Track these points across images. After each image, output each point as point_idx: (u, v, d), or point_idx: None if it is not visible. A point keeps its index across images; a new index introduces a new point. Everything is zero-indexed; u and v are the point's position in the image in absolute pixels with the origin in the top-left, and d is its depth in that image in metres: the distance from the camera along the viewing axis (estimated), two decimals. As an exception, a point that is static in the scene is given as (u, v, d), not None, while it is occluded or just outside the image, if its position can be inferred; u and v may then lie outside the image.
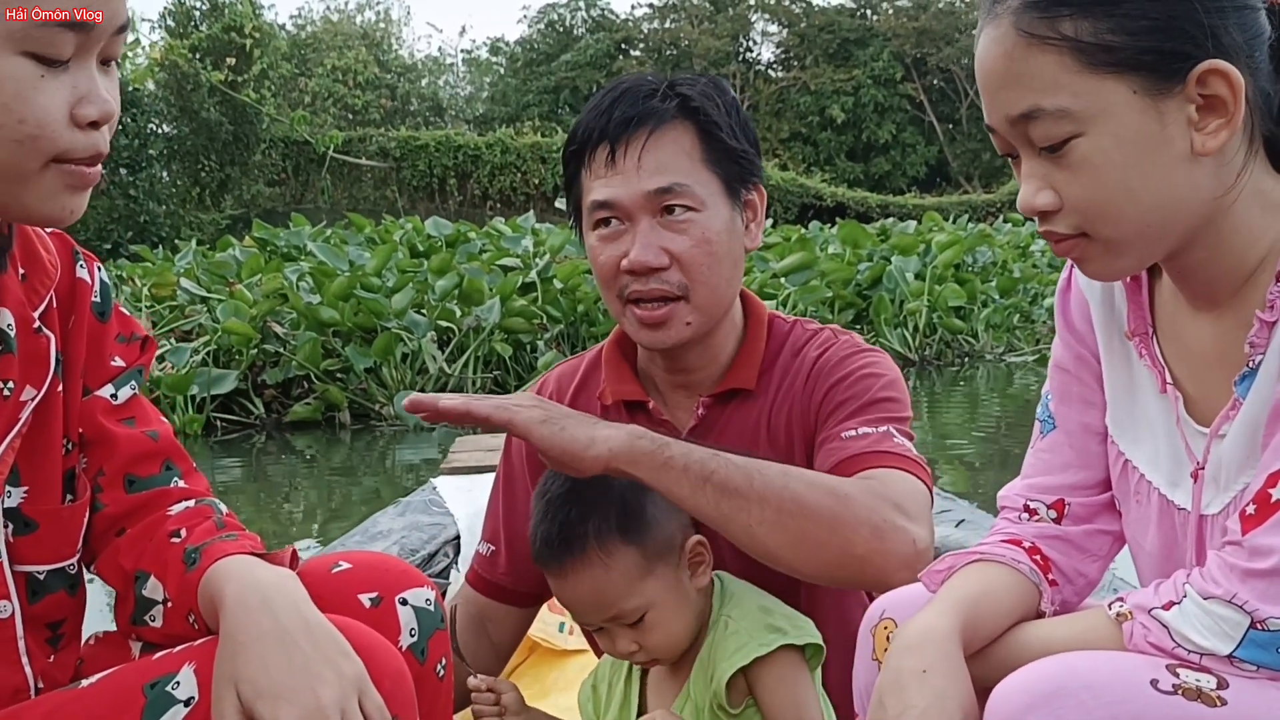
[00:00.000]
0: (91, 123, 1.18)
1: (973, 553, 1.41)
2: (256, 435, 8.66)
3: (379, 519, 3.26)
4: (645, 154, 1.68)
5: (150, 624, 1.37)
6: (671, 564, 1.63)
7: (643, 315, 1.72)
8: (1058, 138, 1.18)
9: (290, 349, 8.88)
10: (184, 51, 19.46)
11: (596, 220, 1.73)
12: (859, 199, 25.68)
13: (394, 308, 9.11)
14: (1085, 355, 1.44)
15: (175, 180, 19.86)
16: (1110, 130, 1.17)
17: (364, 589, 1.36)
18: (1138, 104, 1.16)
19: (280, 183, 23.07)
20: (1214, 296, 1.27)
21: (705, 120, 1.71)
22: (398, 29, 41.38)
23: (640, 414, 1.84)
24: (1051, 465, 1.46)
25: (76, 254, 1.42)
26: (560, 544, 1.59)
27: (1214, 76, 1.15)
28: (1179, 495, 1.32)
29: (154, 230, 18.50)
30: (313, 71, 31.31)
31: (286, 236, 13.22)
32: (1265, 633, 1.13)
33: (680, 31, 37.89)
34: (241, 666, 1.19)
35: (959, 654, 1.25)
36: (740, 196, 1.76)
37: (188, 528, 1.38)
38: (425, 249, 12.40)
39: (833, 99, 35.51)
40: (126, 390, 1.44)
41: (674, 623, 1.64)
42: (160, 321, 9.69)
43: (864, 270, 11.59)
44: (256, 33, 20.61)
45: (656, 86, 1.73)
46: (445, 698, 1.42)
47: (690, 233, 1.69)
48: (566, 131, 1.86)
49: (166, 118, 19.80)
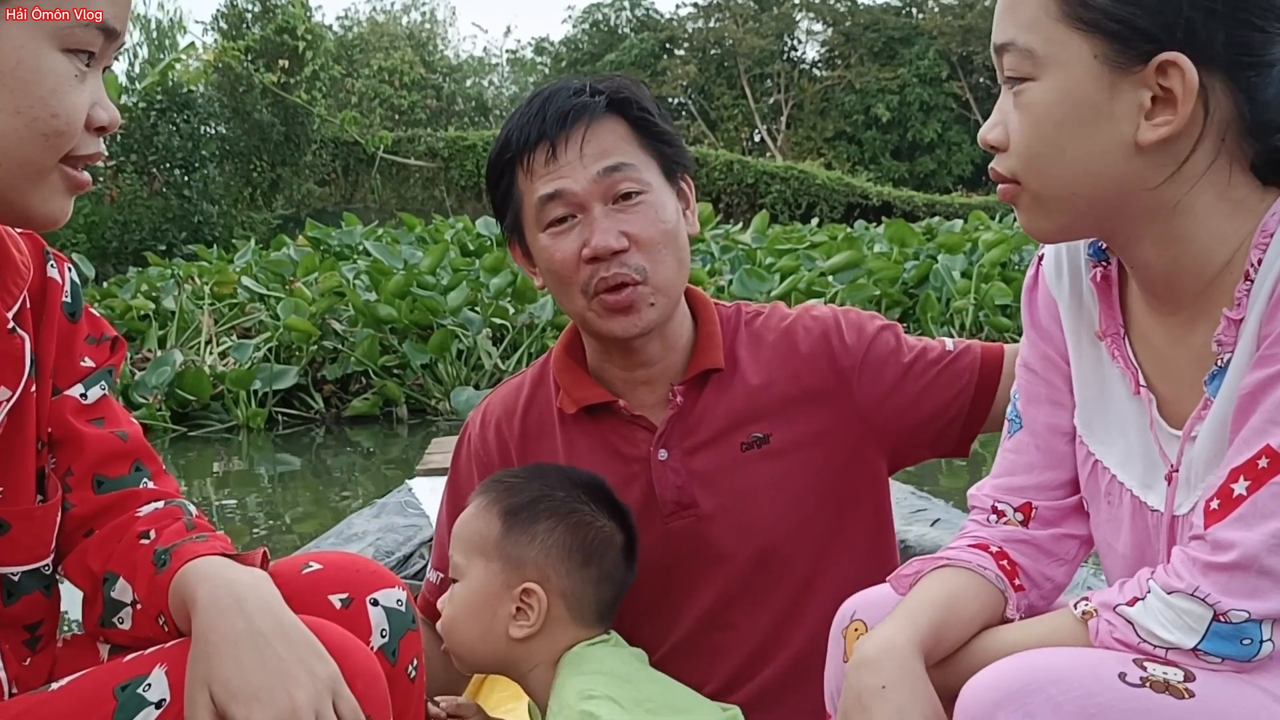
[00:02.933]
0: (100, 127, 1.21)
1: (940, 558, 1.40)
2: (316, 429, 8.86)
3: (354, 520, 3.25)
4: (586, 143, 1.70)
5: (119, 626, 1.35)
6: (499, 575, 1.63)
7: (611, 301, 1.70)
8: (1019, 73, 1.20)
9: (349, 345, 9.10)
10: (237, 53, 19.72)
11: (548, 219, 1.72)
12: (905, 198, 25.59)
13: (449, 305, 9.29)
14: (1052, 356, 1.43)
15: (228, 181, 20.10)
16: (1060, 84, 1.18)
17: (334, 590, 1.35)
18: (1094, 69, 1.16)
19: (330, 182, 23.31)
20: (1175, 298, 1.26)
21: (636, 109, 1.74)
22: (443, 29, 41.68)
23: (607, 415, 1.83)
24: (1018, 465, 1.45)
25: (47, 254, 1.40)
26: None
27: (1173, 69, 1.14)
28: (1152, 497, 1.30)
29: (207, 230, 18.73)
30: (359, 72, 31.58)
31: (339, 236, 13.40)
32: (1228, 625, 1.13)
33: (725, 31, 37.87)
34: (215, 668, 1.17)
35: (918, 666, 1.25)
36: (677, 180, 1.78)
37: (157, 529, 1.36)
38: (476, 248, 12.58)
39: (878, 98, 35.40)
40: (96, 390, 1.42)
41: (464, 622, 1.64)
42: (221, 319, 9.93)
43: (910, 269, 11.61)
44: (309, 35, 20.83)
45: (579, 87, 1.75)
46: (417, 699, 1.40)
47: (644, 214, 1.71)
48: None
49: (219, 119, 20.05)
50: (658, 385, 1.82)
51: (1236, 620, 1.13)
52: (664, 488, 1.79)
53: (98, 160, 1.24)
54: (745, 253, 12.05)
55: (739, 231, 14.08)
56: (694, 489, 1.79)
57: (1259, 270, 1.17)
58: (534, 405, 1.90)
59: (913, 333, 9.46)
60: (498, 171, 1.79)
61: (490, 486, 1.72)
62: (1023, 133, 1.21)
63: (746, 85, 36.51)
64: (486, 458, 1.91)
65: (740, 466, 1.79)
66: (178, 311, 10.04)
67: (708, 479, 1.79)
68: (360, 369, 9.11)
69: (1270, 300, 1.15)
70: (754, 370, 1.82)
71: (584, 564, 1.65)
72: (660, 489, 1.79)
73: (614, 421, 1.82)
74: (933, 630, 1.29)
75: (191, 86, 19.82)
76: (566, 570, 1.64)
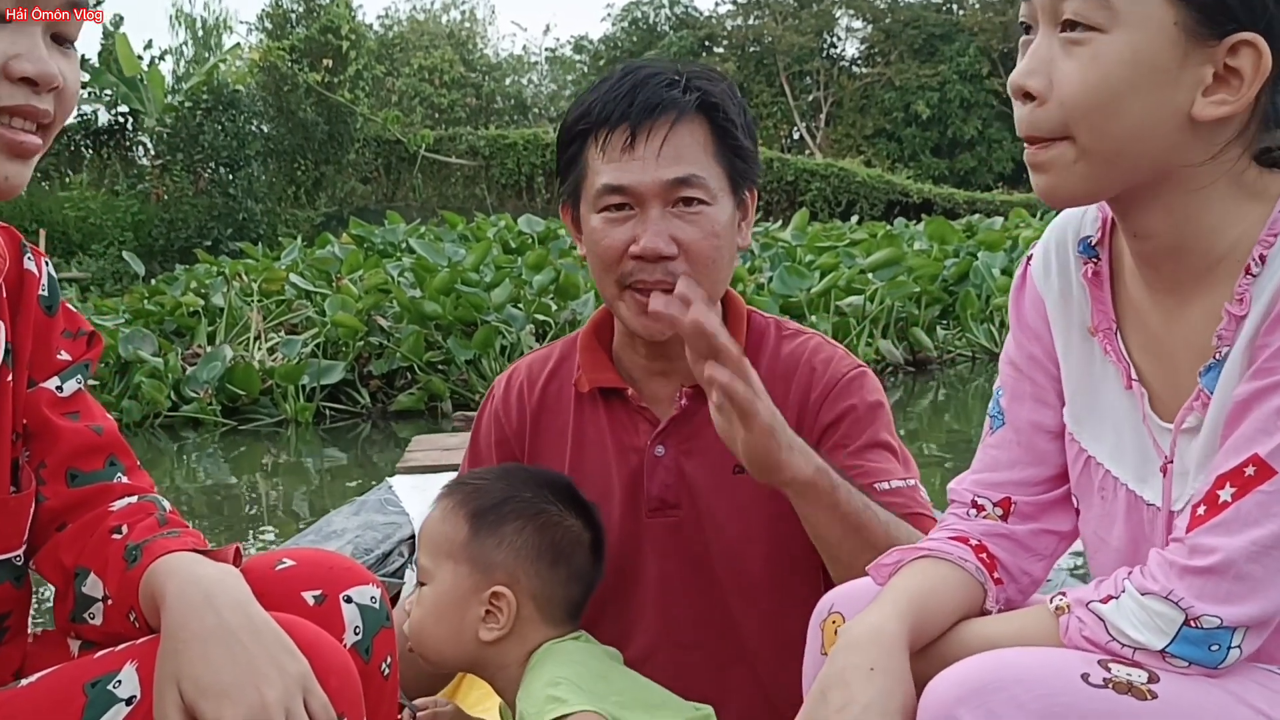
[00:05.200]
0: (27, 80, 1.18)
1: (920, 548, 1.40)
2: (362, 424, 8.97)
3: (333, 518, 3.21)
4: (666, 143, 1.68)
5: (90, 621, 1.33)
6: (467, 578, 1.62)
7: (644, 303, 1.69)
8: (1086, 19, 1.14)
9: (394, 341, 9.21)
10: (282, 53, 19.92)
11: (605, 204, 1.71)
12: (945, 195, 25.52)
13: (493, 302, 9.39)
14: (1038, 354, 1.42)
15: (272, 179, 20.29)
16: (1134, 42, 1.13)
17: (307, 586, 1.33)
18: (1172, 34, 1.13)
19: (372, 181, 23.49)
20: (1178, 280, 1.25)
21: (722, 117, 1.72)
22: (483, 28, 41.84)
23: (617, 401, 1.84)
24: (999, 461, 1.45)
25: (24, 246, 1.39)
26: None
27: (1247, 49, 1.13)
28: (1148, 491, 1.30)
29: (252, 228, 18.92)
30: (399, 71, 31.78)
31: (382, 234, 13.53)
32: (1198, 630, 1.13)
33: (764, 28, 37.83)
34: (184, 664, 1.16)
35: (905, 655, 1.24)
36: (741, 194, 1.77)
37: (129, 524, 1.34)
38: (518, 245, 12.69)
39: (918, 95, 35.27)
40: (72, 384, 1.41)
41: (433, 625, 1.63)
42: (269, 315, 10.08)
43: (950, 266, 11.63)
44: (353, 34, 21.01)
45: (675, 77, 1.72)
46: (390, 696, 1.39)
47: (700, 224, 1.69)
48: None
49: (264, 118, 20.25)
50: (672, 380, 1.82)
51: (1207, 626, 1.13)
52: (653, 483, 1.80)
53: (35, 117, 1.21)
54: (785, 250, 12.10)
55: (779, 229, 14.13)
56: (681, 492, 1.80)
57: (1264, 268, 1.17)
58: (556, 377, 1.92)
59: (952, 329, 9.37)
60: (570, 136, 1.77)
61: (456, 489, 1.71)
62: (1082, 84, 1.15)
63: (785, 82, 36.45)
64: (506, 419, 1.93)
65: (729, 486, 1.78)
66: (226, 308, 10.20)
67: (695, 487, 1.80)
68: (405, 364, 9.22)
69: (1270, 311, 1.15)
70: (768, 393, 1.81)
71: (553, 564, 1.65)
72: (649, 483, 1.80)
73: (622, 408, 1.84)
74: (916, 620, 1.28)
75: (237, 86, 20.06)
76: (536, 571, 1.63)
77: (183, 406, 8.90)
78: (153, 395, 8.75)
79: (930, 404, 9.62)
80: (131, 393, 8.90)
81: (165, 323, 10.25)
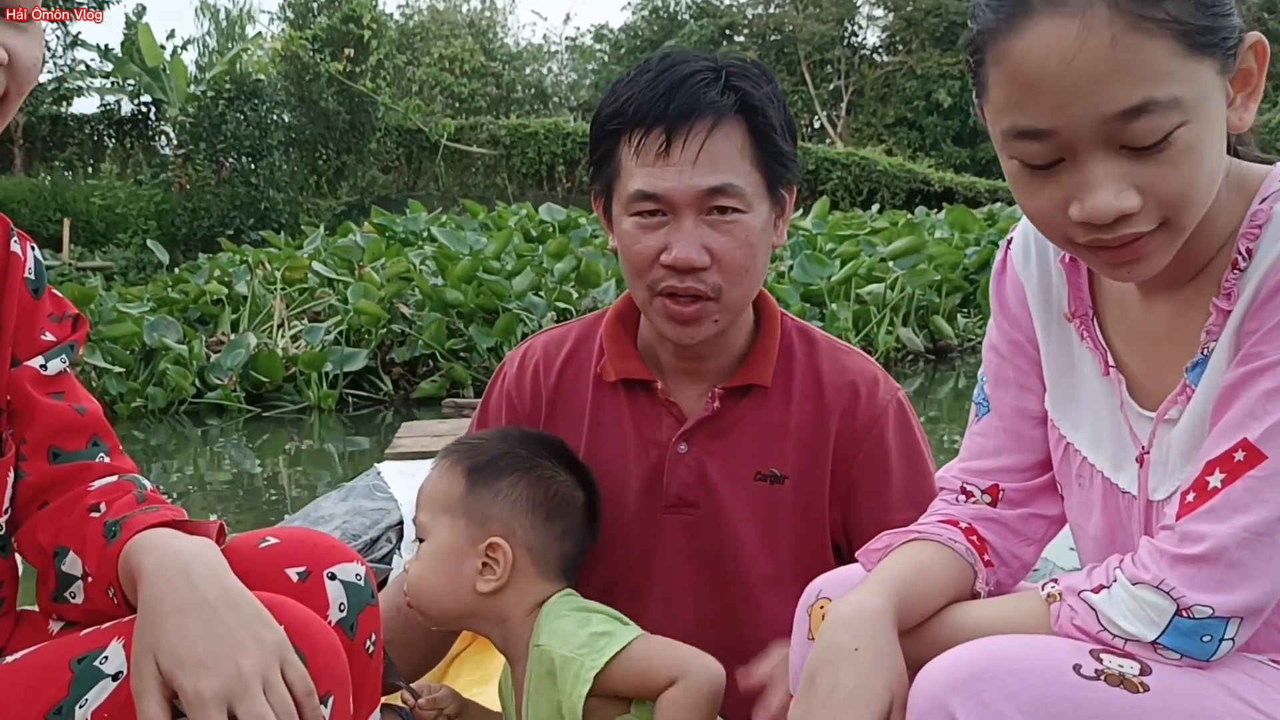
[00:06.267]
0: None
1: (909, 531, 1.40)
2: (385, 411, 9.02)
3: (321, 504, 3.21)
4: (703, 150, 1.62)
5: (71, 600, 1.33)
6: (464, 530, 1.66)
7: (675, 311, 1.67)
8: (1164, 130, 1.06)
9: (416, 329, 9.27)
10: (304, 42, 19.99)
11: (638, 209, 1.66)
12: (966, 184, 25.41)
13: (514, 290, 9.43)
14: (1020, 340, 1.42)
15: (294, 168, 20.37)
16: (1207, 115, 1.09)
17: (291, 563, 1.33)
18: (1219, 85, 1.09)
19: (393, 170, 23.56)
20: (1178, 278, 1.22)
21: (762, 121, 1.65)
22: (503, 17, 41.96)
23: (643, 393, 1.82)
24: (985, 449, 1.44)
25: (11, 231, 1.40)
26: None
27: (1257, 47, 1.12)
28: (1123, 479, 1.29)
29: (274, 216, 19.02)
30: (419, 60, 31.82)
31: (404, 222, 13.58)
32: (1190, 620, 1.12)
33: (784, 16, 37.70)
34: (161, 636, 1.16)
35: (892, 633, 1.23)
36: (779, 196, 1.72)
37: (108, 501, 1.34)
38: (539, 234, 12.73)
39: (939, 83, 35.10)
40: (57, 363, 1.41)
41: (432, 577, 1.66)
42: (292, 303, 10.15)
43: (971, 254, 11.61)
44: (374, 24, 21.06)
45: (714, 76, 1.65)
46: (375, 674, 1.39)
47: (734, 234, 1.65)
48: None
49: (286, 107, 20.33)
50: (701, 380, 1.81)
51: (1199, 615, 1.12)
52: (673, 479, 1.79)
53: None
54: (806, 238, 12.09)
55: (800, 218, 14.12)
56: (700, 491, 1.79)
57: (1249, 261, 1.15)
58: (573, 361, 1.88)
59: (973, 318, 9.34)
60: (603, 133, 1.71)
61: (454, 449, 1.74)
62: (1185, 178, 1.09)
63: (806, 71, 36.35)
64: (519, 399, 1.91)
65: (749, 491, 1.78)
66: (250, 296, 10.28)
67: (715, 488, 1.78)
68: (428, 352, 9.29)
69: (1255, 298, 1.13)
70: (801, 402, 1.79)
71: (547, 518, 1.68)
72: (669, 479, 1.79)
73: (648, 400, 1.81)
74: (904, 600, 1.27)
75: (259, 75, 20.14)
76: (531, 524, 1.67)
77: (207, 393, 8.99)
78: (178, 382, 8.83)
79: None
80: (157, 380, 8.98)
81: (189, 311, 10.34)
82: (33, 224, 18.81)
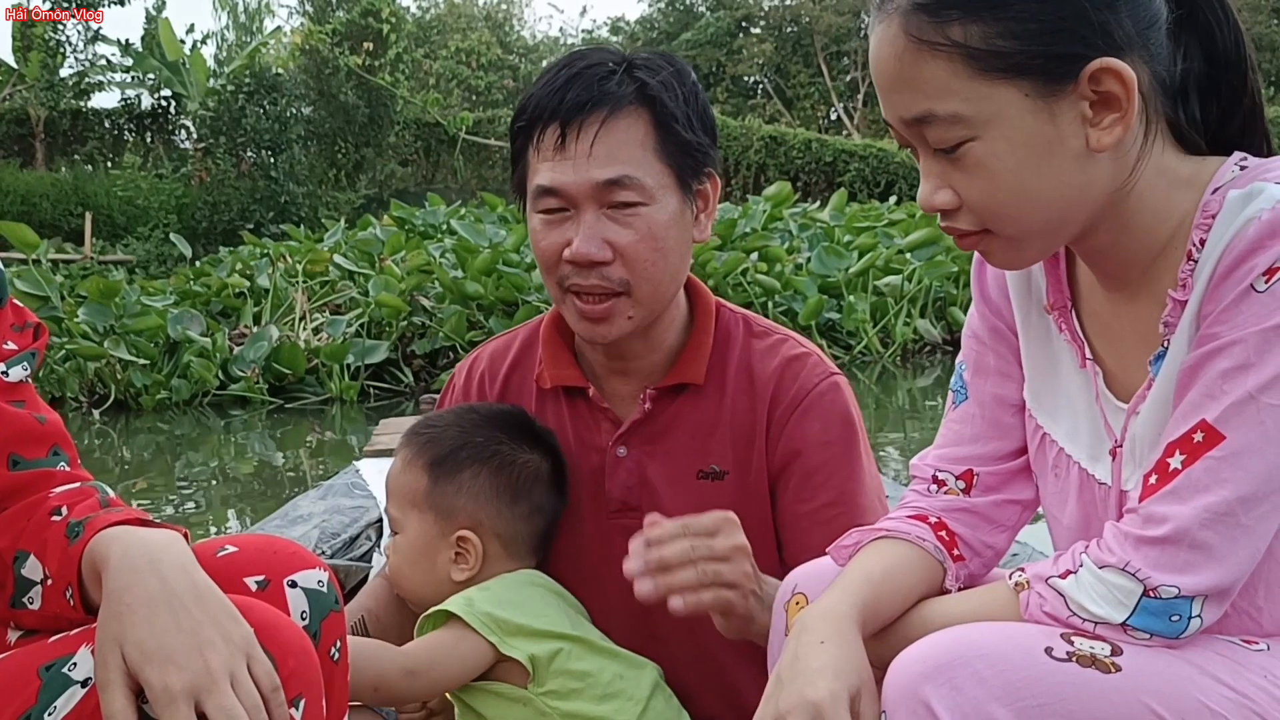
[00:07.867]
0: None
1: (879, 529, 1.39)
2: (406, 403, 9.07)
3: (299, 502, 3.13)
4: (597, 141, 1.59)
5: (29, 606, 1.30)
6: (433, 525, 1.70)
7: (583, 309, 1.65)
8: (951, 141, 1.15)
9: (437, 321, 9.35)
10: (323, 36, 20.09)
11: (542, 205, 1.64)
12: (983, 175, 25.37)
13: (534, 282, 9.47)
14: (1000, 327, 1.41)
15: (313, 162, 20.47)
16: (1003, 134, 1.14)
17: (250, 572, 1.31)
18: (1030, 106, 1.13)
19: (412, 163, 23.67)
20: (1124, 276, 1.25)
21: (661, 110, 1.62)
22: (519, 10, 41.94)
23: (580, 400, 1.79)
24: (962, 436, 1.44)
25: None
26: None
27: (1106, 74, 1.12)
28: (1099, 470, 1.29)
29: (294, 210, 19.10)
30: (436, 54, 31.90)
31: (423, 215, 13.59)
32: (1157, 600, 1.13)
33: (801, 8, 37.65)
34: (128, 628, 1.14)
35: (855, 630, 1.24)
36: (692, 188, 1.67)
37: (69, 505, 1.32)
38: (558, 226, 12.75)
39: (956, 74, 35.05)
40: (18, 370, 1.39)
41: (408, 570, 1.72)
42: (314, 296, 10.24)
43: (989, 245, 11.62)
44: (393, 18, 21.14)
45: (615, 68, 1.63)
46: (341, 680, 1.36)
47: (636, 226, 1.61)
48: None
49: (305, 101, 20.42)
50: (634, 380, 1.78)
51: (1166, 596, 1.12)
52: (614, 484, 1.77)
53: None
54: (824, 230, 12.12)
55: (817, 210, 14.15)
56: (642, 494, 1.76)
57: (1202, 251, 1.16)
58: (518, 369, 1.87)
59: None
60: (513, 133, 1.70)
61: (411, 439, 1.76)
62: (981, 189, 1.17)
63: (823, 63, 36.31)
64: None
65: (691, 490, 1.74)
66: (271, 289, 10.37)
67: (657, 491, 1.75)
68: (448, 344, 9.36)
69: (1209, 281, 1.14)
70: (735, 399, 1.75)
71: (513, 502, 1.71)
72: (610, 484, 1.77)
73: (584, 406, 1.79)
74: (870, 603, 1.28)
75: (278, 69, 20.24)
76: (496, 511, 1.70)
77: (230, 385, 9.08)
78: (201, 374, 8.93)
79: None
80: (180, 372, 9.08)
81: (212, 304, 10.44)
82: (55, 217, 18.97)
